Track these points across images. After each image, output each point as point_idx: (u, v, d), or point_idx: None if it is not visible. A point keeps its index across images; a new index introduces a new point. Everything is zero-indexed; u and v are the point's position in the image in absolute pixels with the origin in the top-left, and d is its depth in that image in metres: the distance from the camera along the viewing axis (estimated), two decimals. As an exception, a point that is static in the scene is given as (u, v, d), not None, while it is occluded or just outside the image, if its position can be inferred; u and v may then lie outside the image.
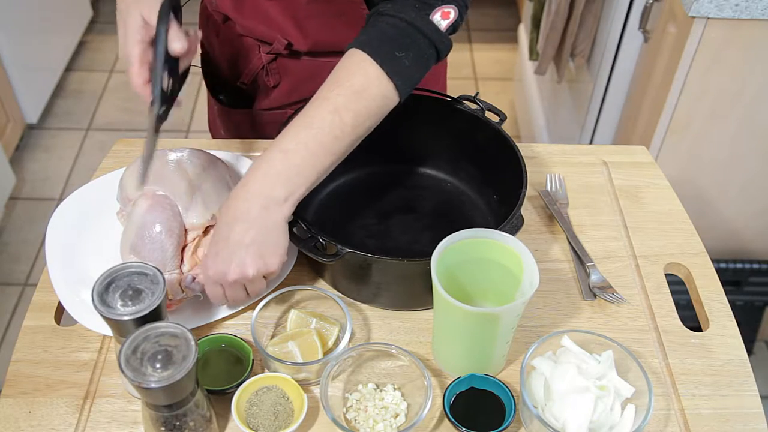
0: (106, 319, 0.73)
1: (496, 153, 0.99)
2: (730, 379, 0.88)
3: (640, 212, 1.08)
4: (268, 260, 0.83)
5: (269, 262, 0.83)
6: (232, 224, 0.82)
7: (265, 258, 0.82)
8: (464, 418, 0.79)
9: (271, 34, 1.06)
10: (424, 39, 0.85)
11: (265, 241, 0.82)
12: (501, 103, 1.71)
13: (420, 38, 0.85)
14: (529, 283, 0.80)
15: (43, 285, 0.95)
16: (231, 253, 0.82)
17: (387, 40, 0.84)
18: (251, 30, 1.08)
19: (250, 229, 0.81)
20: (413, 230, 1.04)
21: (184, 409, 0.73)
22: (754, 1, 1.37)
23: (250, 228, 0.81)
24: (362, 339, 0.92)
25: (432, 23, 0.85)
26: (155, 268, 0.76)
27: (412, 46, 0.85)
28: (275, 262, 0.83)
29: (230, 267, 0.82)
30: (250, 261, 0.82)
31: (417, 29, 0.85)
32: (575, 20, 1.87)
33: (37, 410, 0.83)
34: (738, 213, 1.75)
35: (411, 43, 0.85)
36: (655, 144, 1.62)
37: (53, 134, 2.69)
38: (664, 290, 0.97)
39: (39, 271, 2.21)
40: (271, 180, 0.82)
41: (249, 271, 0.82)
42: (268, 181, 0.82)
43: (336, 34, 1.03)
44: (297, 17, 1.03)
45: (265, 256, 0.82)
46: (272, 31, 1.06)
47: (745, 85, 1.51)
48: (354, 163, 1.09)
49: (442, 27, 0.86)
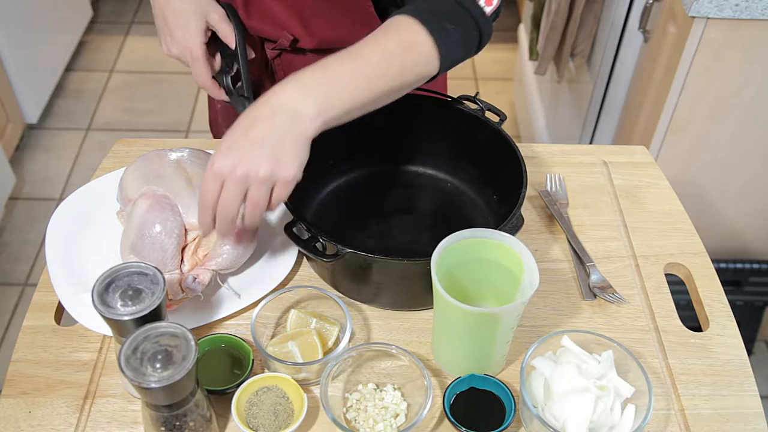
0: (106, 319, 0.73)
1: (496, 153, 0.99)
2: (730, 379, 0.88)
3: (640, 212, 1.08)
4: (284, 165, 0.77)
5: (284, 167, 0.77)
6: (253, 123, 0.77)
7: (280, 162, 0.76)
8: (464, 418, 0.79)
9: (278, 33, 1.06)
10: (471, 20, 0.85)
11: (285, 147, 0.77)
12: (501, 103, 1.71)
13: (467, 18, 0.85)
14: (529, 283, 0.80)
15: (43, 285, 0.95)
16: (246, 148, 0.76)
17: (437, 12, 0.84)
18: (258, 30, 1.08)
19: (273, 131, 0.76)
20: (413, 230, 1.04)
21: (184, 409, 0.73)
22: (754, 1, 1.37)
23: (273, 130, 0.76)
24: (362, 339, 0.92)
25: (478, 6, 0.85)
26: (155, 268, 0.76)
27: (461, 24, 0.84)
28: (290, 172, 0.78)
29: (242, 160, 0.76)
30: (265, 159, 0.76)
31: (465, 9, 0.84)
32: (575, 20, 1.87)
33: (37, 410, 0.83)
34: (738, 213, 1.75)
35: (459, 20, 0.84)
36: (655, 144, 1.62)
37: (53, 134, 2.69)
38: (664, 290, 0.97)
39: (39, 271, 2.22)
40: (305, 91, 0.78)
41: (261, 169, 0.76)
42: (301, 92, 0.77)
43: (341, 31, 1.03)
44: (303, 16, 1.03)
45: (281, 160, 0.76)
46: (278, 30, 1.06)
47: (745, 85, 1.51)
48: (354, 163, 1.09)
49: (486, 12, 0.86)
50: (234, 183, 0.77)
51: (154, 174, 0.95)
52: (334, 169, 1.08)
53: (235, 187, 0.77)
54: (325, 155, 1.05)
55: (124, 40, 3.11)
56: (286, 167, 0.77)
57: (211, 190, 0.78)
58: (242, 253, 0.93)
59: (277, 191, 0.79)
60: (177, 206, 0.92)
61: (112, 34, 3.13)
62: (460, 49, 0.86)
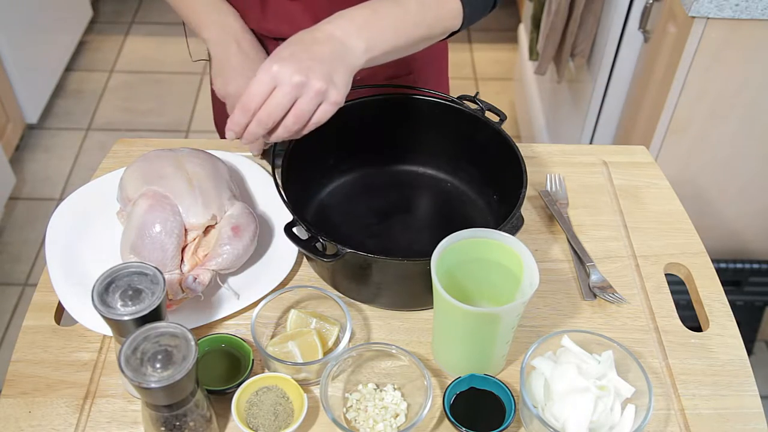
0: (106, 319, 0.73)
1: (496, 153, 0.99)
2: (730, 379, 0.88)
3: (640, 212, 1.08)
4: (336, 87, 0.80)
5: (336, 89, 0.80)
6: (313, 42, 0.80)
7: (334, 83, 0.80)
8: (464, 418, 0.79)
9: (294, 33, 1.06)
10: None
11: (339, 71, 0.80)
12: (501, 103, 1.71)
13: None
14: (529, 283, 0.80)
15: (43, 285, 0.95)
16: (308, 59, 0.79)
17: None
18: (274, 31, 1.08)
19: (331, 54, 0.80)
20: (413, 230, 1.04)
21: (184, 409, 0.73)
22: (754, 1, 1.37)
23: (332, 53, 0.80)
24: (362, 339, 0.92)
25: None
26: (155, 268, 0.76)
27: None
28: (340, 94, 0.81)
29: (302, 69, 0.78)
30: (324, 75, 0.79)
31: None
32: (575, 20, 1.87)
33: (37, 410, 0.83)
34: (738, 213, 1.75)
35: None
36: (655, 144, 1.62)
37: (53, 134, 2.69)
38: (664, 290, 0.97)
39: (39, 271, 2.22)
40: (357, 29, 0.82)
41: (318, 82, 0.78)
42: (354, 28, 0.82)
43: None
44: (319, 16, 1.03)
45: (335, 81, 0.80)
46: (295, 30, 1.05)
47: (745, 85, 1.51)
48: (354, 163, 1.09)
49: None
50: (291, 87, 0.78)
51: (154, 174, 0.95)
52: (334, 169, 1.08)
53: (291, 91, 0.78)
54: (325, 155, 1.05)
55: (124, 40, 3.11)
56: (337, 89, 0.80)
57: (261, 92, 0.79)
58: (242, 253, 0.93)
59: (322, 110, 0.81)
60: (177, 206, 0.92)
61: (112, 34, 3.13)
62: (480, 8, 0.95)
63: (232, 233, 0.93)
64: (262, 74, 0.79)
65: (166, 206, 0.92)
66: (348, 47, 0.82)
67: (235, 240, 0.92)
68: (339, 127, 1.02)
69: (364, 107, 1.03)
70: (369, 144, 1.08)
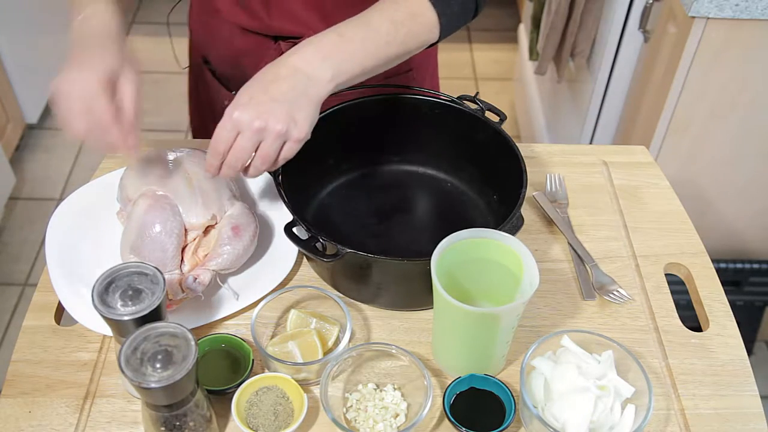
0: (106, 319, 0.73)
1: (496, 153, 0.99)
2: (730, 379, 0.88)
3: (640, 212, 1.08)
4: (298, 124, 0.82)
5: (299, 126, 0.82)
6: (273, 81, 0.82)
7: (296, 121, 0.81)
8: (464, 418, 0.79)
9: (300, 30, 1.07)
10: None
11: (301, 107, 0.82)
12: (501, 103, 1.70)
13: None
14: (529, 283, 0.80)
15: (43, 285, 0.95)
16: (266, 102, 0.81)
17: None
18: (279, 29, 1.08)
19: (292, 90, 0.81)
20: (413, 230, 1.04)
21: (184, 409, 0.73)
22: (754, 1, 1.37)
23: (292, 89, 0.81)
24: (362, 339, 0.92)
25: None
26: (155, 268, 0.76)
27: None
28: (303, 131, 0.82)
29: (261, 113, 0.80)
30: (283, 116, 0.81)
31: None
32: (575, 20, 1.87)
33: (37, 410, 0.83)
34: (738, 213, 1.75)
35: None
36: (655, 144, 1.62)
37: (53, 134, 2.69)
38: (664, 290, 0.97)
39: (39, 271, 2.22)
40: (323, 57, 0.83)
41: (278, 124, 0.80)
42: (319, 57, 0.83)
43: None
44: (324, 12, 1.05)
45: (296, 119, 0.81)
46: (300, 27, 1.07)
47: (745, 85, 1.51)
48: (354, 163, 1.09)
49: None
50: (251, 133, 0.81)
51: (154, 174, 0.95)
52: (334, 169, 1.08)
53: (252, 137, 0.81)
54: (325, 155, 1.05)
55: (124, 40, 3.10)
56: (300, 126, 0.82)
57: (226, 138, 0.82)
58: (242, 253, 0.93)
59: (287, 148, 0.83)
60: (177, 206, 0.92)
61: (112, 34, 3.12)
62: (458, 18, 0.92)
63: (232, 233, 0.93)
64: (225, 121, 0.82)
65: (166, 206, 0.92)
66: (312, 78, 0.82)
67: (235, 240, 0.92)
68: (339, 127, 1.02)
69: (364, 107, 1.03)
70: (369, 144, 1.08)
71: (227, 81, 1.21)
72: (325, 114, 1.01)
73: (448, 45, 3.22)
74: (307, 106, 0.82)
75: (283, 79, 0.82)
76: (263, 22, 1.08)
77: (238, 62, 1.16)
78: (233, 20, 1.10)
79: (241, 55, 1.14)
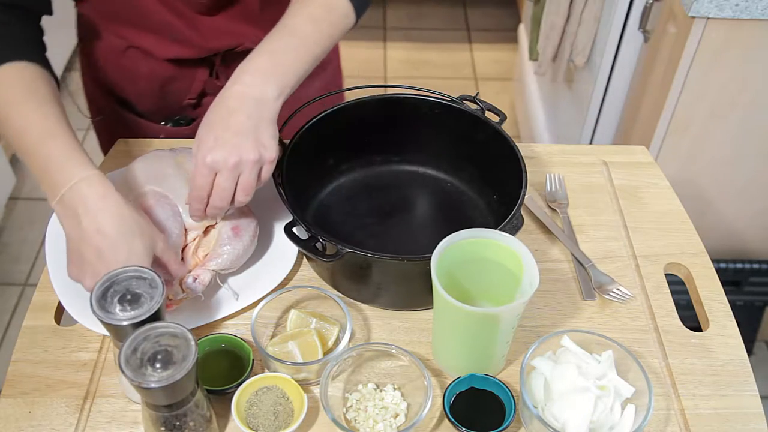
0: (105, 324, 0.73)
1: (496, 153, 0.99)
2: (730, 379, 0.88)
3: (640, 212, 1.08)
4: (267, 147, 0.84)
5: (268, 148, 0.84)
6: (229, 115, 0.84)
7: (264, 145, 0.84)
8: (464, 418, 0.79)
9: (233, 43, 1.10)
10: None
11: (262, 130, 0.84)
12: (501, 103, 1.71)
13: None
14: (529, 283, 0.80)
15: (43, 285, 0.95)
16: (232, 137, 0.83)
17: None
18: (213, 48, 1.10)
19: (249, 118, 0.84)
20: (413, 230, 1.04)
21: (184, 409, 0.73)
22: (754, 1, 1.37)
23: (249, 117, 0.84)
24: (362, 339, 0.92)
25: None
26: (153, 272, 0.76)
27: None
28: (273, 150, 0.85)
29: (232, 150, 0.82)
30: (252, 145, 0.83)
31: None
32: (575, 20, 1.87)
33: (37, 410, 0.83)
34: (738, 213, 1.75)
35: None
36: (655, 144, 1.62)
37: (53, 134, 2.69)
38: (664, 290, 0.97)
39: (39, 271, 2.22)
40: (264, 77, 0.86)
41: (250, 155, 0.83)
42: (261, 79, 0.86)
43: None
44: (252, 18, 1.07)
45: (263, 143, 0.84)
46: (233, 40, 1.09)
47: (745, 85, 1.51)
48: (354, 163, 1.09)
49: None
50: (229, 171, 0.83)
51: (154, 174, 0.95)
52: (334, 169, 1.08)
53: (230, 175, 0.84)
54: (325, 155, 1.05)
55: (124, 40, 3.10)
56: (269, 147, 0.85)
57: (206, 183, 0.84)
58: (242, 254, 0.93)
59: (265, 170, 0.86)
60: (177, 206, 0.92)
61: (112, 34, 3.12)
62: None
63: (232, 233, 0.93)
64: (200, 167, 0.84)
65: (166, 206, 0.92)
66: (261, 100, 0.85)
67: (235, 240, 0.92)
68: (339, 127, 1.03)
69: (363, 107, 1.03)
70: (369, 144, 1.08)
71: (152, 114, 1.20)
72: (325, 114, 1.01)
73: (448, 45, 3.22)
74: (268, 126, 0.85)
75: (236, 110, 0.84)
76: (197, 47, 1.09)
77: (165, 91, 1.15)
78: (165, 55, 1.10)
79: (168, 83, 1.14)
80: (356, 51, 3.03)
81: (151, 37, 1.08)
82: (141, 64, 1.12)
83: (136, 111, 1.20)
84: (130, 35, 1.09)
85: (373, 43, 3.14)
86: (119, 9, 1.07)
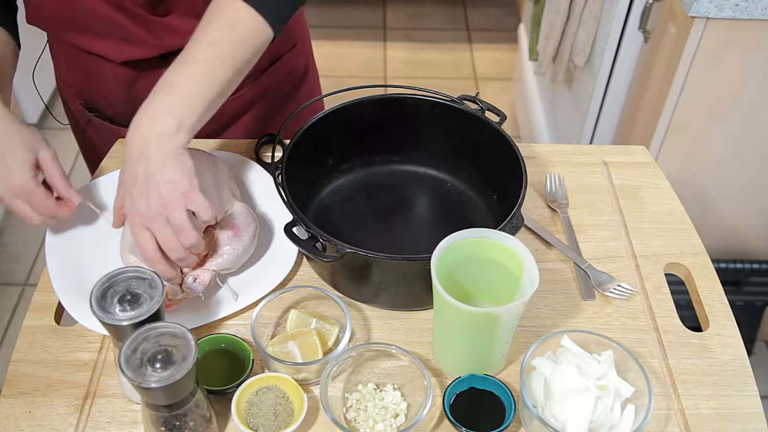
0: (105, 324, 0.73)
1: (496, 153, 0.99)
2: (730, 379, 0.88)
3: (640, 212, 1.08)
4: (179, 183, 0.82)
5: (181, 184, 0.82)
6: (135, 166, 0.82)
7: (174, 183, 0.81)
8: (464, 418, 0.79)
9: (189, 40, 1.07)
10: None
11: (170, 169, 0.81)
12: (501, 103, 1.71)
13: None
14: (529, 283, 0.80)
15: (43, 285, 0.95)
16: (143, 189, 0.81)
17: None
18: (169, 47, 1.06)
19: (154, 162, 0.81)
20: (413, 230, 1.04)
21: (184, 409, 0.73)
22: (754, 1, 1.37)
23: (153, 162, 0.81)
24: (362, 339, 0.92)
25: None
26: (153, 272, 0.76)
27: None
28: (186, 184, 0.82)
29: (150, 199, 0.81)
30: (163, 188, 0.81)
31: None
32: (575, 20, 1.87)
33: (37, 410, 0.83)
34: (738, 213, 1.75)
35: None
36: (655, 144, 1.62)
37: (53, 134, 2.69)
38: (664, 290, 0.97)
39: (39, 271, 2.22)
40: (159, 116, 0.82)
41: (165, 199, 0.81)
42: (156, 118, 0.82)
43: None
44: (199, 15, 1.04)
45: (173, 180, 0.81)
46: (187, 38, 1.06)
47: (745, 85, 1.51)
48: (354, 163, 1.09)
49: None
50: (159, 220, 0.82)
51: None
52: (334, 169, 1.08)
53: (162, 223, 0.82)
54: (325, 155, 1.05)
55: (124, 40, 3.10)
56: (182, 183, 0.82)
57: (150, 244, 0.83)
58: (242, 254, 0.93)
59: (197, 202, 0.83)
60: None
61: (112, 34, 3.12)
62: (284, 5, 0.89)
63: (232, 233, 0.93)
64: (135, 233, 0.83)
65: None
66: (162, 136, 0.82)
67: (235, 240, 0.92)
68: (338, 127, 1.03)
69: (363, 107, 1.04)
70: (369, 144, 1.08)
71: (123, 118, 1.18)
72: (325, 114, 1.01)
73: (448, 45, 3.22)
74: (175, 162, 0.82)
75: (139, 159, 0.82)
76: (152, 47, 1.06)
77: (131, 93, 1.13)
78: (121, 58, 1.08)
79: (133, 85, 1.12)
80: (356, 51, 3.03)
81: (106, 42, 1.06)
82: (104, 68, 1.11)
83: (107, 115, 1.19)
84: (83, 42, 1.07)
85: (373, 43, 3.14)
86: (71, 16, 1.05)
